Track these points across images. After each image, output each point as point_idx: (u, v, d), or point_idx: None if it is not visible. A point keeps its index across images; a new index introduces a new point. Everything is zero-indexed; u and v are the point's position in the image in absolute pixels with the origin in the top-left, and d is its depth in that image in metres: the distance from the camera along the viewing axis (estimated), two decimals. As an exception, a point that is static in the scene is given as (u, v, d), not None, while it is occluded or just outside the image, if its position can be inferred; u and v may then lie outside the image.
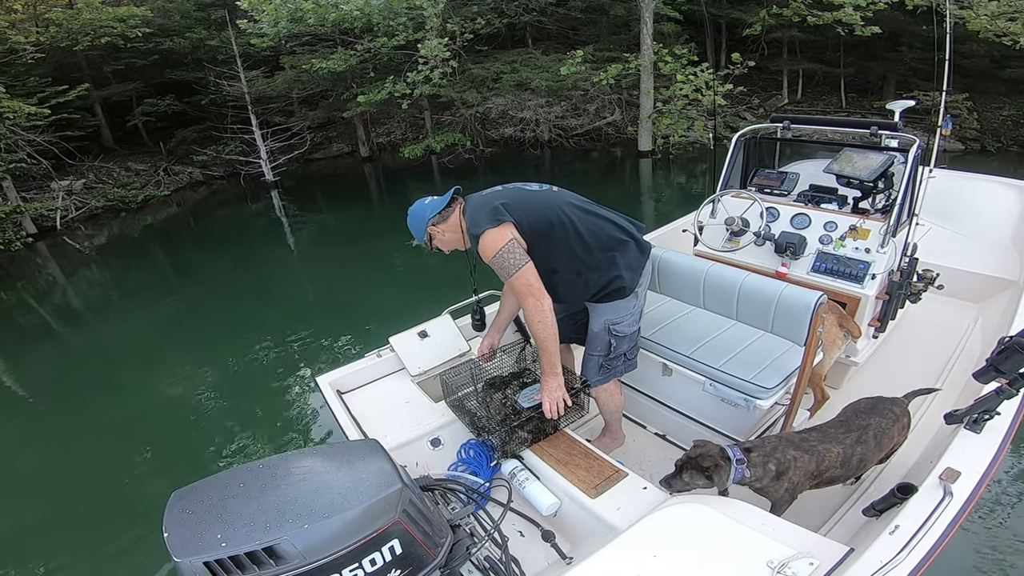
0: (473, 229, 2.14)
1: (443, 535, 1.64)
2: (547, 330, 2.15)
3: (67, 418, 5.13)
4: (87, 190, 12.37)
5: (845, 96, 12.75)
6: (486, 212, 2.12)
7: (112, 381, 5.78)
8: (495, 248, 2.09)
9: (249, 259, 9.18)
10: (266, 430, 4.51)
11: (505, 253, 2.08)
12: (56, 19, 11.36)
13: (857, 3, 9.15)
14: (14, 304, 8.53)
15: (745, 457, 1.95)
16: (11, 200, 10.66)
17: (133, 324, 7.28)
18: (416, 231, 2.24)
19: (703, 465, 1.93)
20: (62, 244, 10.76)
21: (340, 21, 10.68)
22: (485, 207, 2.14)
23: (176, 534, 1.37)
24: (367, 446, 1.69)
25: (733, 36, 13.23)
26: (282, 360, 5.57)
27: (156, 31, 12.77)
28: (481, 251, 2.14)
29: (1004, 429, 2.01)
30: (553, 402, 2.23)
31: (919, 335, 3.48)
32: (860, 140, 3.30)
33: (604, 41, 12.77)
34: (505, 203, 2.15)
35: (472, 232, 2.15)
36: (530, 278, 2.12)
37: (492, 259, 2.11)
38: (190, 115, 14.34)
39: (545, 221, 2.18)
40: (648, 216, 9.11)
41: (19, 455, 4.76)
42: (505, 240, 2.09)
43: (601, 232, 2.27)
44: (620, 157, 12.55)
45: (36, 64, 11.65)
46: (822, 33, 10.79)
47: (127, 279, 9.00)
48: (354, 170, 14.36)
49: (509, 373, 2.61)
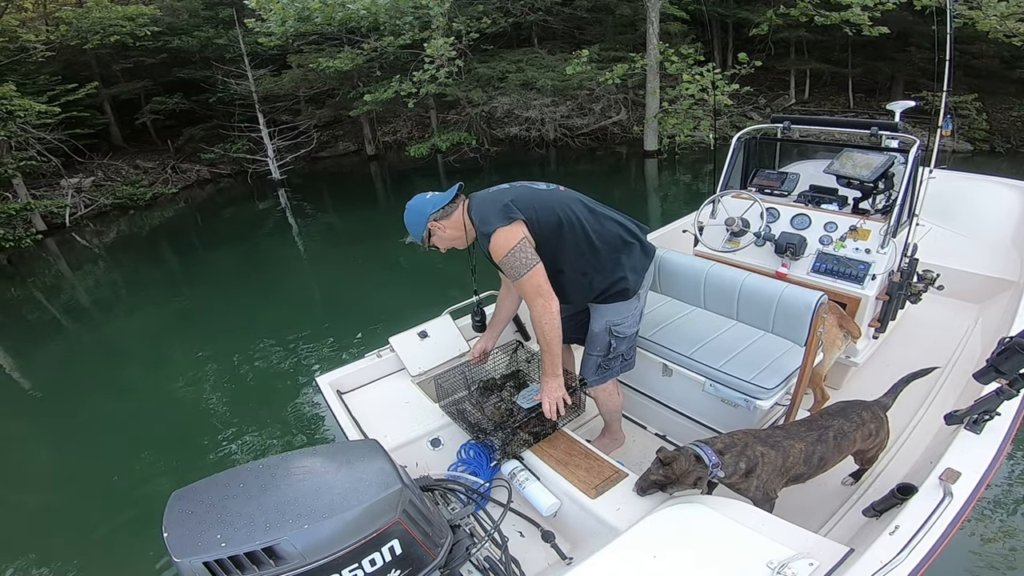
0: (483, 227, 2.10)
1: (443, 535, 1.64)
2: (553, 332, 2.14)
3: (72, 414, 5.18)
4: (96, 188, 12.48)
5: (853, 96, 12.67)
6: (497, 210, 2.08)
7: (117, 378, 5.83)
8: (507, 247, 2.05)
9: (255, 257, 9.23)
10: (266, 429, 4.52)
11: (517, 252, 2.05)
12: (66, 18, 11.45)
13: (865, 3, 9.09)
14: (23, 300, 8.62)
15: (720, 460, 1.94)
16: (21, 197, 10.77)
17: (140, 321, 7.34)
18: (414, 227, 2.16)
19: (687, 482, 1.90)
20: (71, 241, 10.87)
21: (347, 20, 10.71)
22: (495, 205, 2.10)
23: (176, 534, 1.36)
24: (367, 446, 1.68)
25: (740, 36, 13.17)
26: (285, 359, 5.59)
27: (164, 30, 12.85)
28: (492, 250, 2.10)
29: (1004, 430, 2.01)
30: (553, 403, 2.22)
31: (919, 336, 3.47)
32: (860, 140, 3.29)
33: (610, 40, 12.75)
34: (514, 200, 2.11)
35: (483, 230, 2.10)
36: (540, 279, 2.09)
37: (503, 258, 2.08)
38: (198, 113, 14.44)
39: (554, 220, 2.15)
40: (654, 216, 9.09)
41: (23, 450, 4.82)
42: (517, 239, 2.06)
43: (608, 233, 2.26)
44: (626, 157, 12.53)
45: (46, 62, 11.76)
46: (830, 33, 10.74)
47: (135, 276, 9.07)
48: (360, 168, 14.40)
49: (502, 375, 2.61)
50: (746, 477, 1.96)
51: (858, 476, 2.50)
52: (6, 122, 9.45)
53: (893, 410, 2.36)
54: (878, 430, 2.24)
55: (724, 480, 1.96)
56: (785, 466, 2.01)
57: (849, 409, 2.22)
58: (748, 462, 1.95)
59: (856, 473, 2.49)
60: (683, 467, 1.89)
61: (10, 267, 9.86)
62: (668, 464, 1.91)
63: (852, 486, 2.49)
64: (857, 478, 2.50)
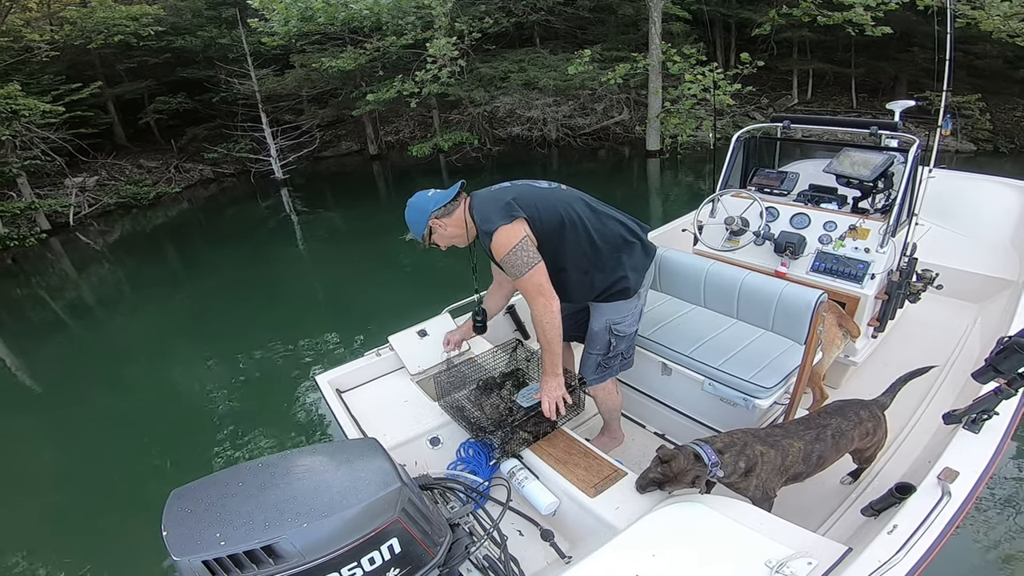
0: (485, 226, 2.09)
1: (442, 534, 1.64)
2: (554, 331, 2.14)
3: (73, 412, 5.21)
4: (100, 187, 12.53)
5: (856, 96, 12.64)
6: (499, 208, 2.08)
7: (119, 376, 5.86)
8: (509, 245, 2.05)
9: (258, 256, 9.26)
10: (266, 428, 4.53)
11: (519, 251, 2.05)
12: (70, 17, 11.53)
13: (867, 3, 9.07)
14: (28, 299, 8.67)
15: (719, 459, 1.94)
16: (26, 197, 10.82)
17: (142, 320, 7.38)
18: (415, 224, 2.16)
19: (686, 481, 1.90)
20: (75, 240, 10.92)
21: (350, 20, 10.73)
22: (497, 203, 2.10)
23: (175, 533, 1.36)
24: (366, 445, 1.68)
25: (743, 36, 13.14)
26: (285, 358, 5.61)
27: (168, 29, 12.89)
28: (494, 248, 2.10)
29: (1002, 429, 2.01)
30: (553, 402, 2.22)
31: (918, 335, 3.47)
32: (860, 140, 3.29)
33: (612, 40, 12.74)
34: (516, 199, 2.11)
35: (484, 228, 2.10)
36: (541, 278, 2.09)
37: (505, 257, 2.07)
38: (201, 113, 14.47)
39: (557, 218, 2.15)
40: (655, 216, 9.09)
41: (25, 448, 4.85)
42: (519, 237, 2.05)
43: (610, 232, 2.27)
44: (628, 156, 12.53)
45: (50, 62, 11.82)
46: (833, 33, 10.70)
47: (138, 275, 9.11)
48: (363, 168, 14.43)
49: (501, 373, 2.62)
50: (745, 476, 1.96)
51: (856, 475, 2.50)
52: (11, 122, 9.50)
53: (891, 409, 2.36)
54: (876, 429, 2.25)
55: (723, 479, 1.96)
56: (784, 465, 2.02)
57: (847, 408, 2.23)
58: (747, 461, 1.95)
59: (854, 472, 2.50)
60: (682, 465, 1.89)
61: (15, 266, 9.90)
62: (667, 462, 1.92)
63: (850, 485, 2.49)
64: (855, 477, 2.50)
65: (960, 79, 11.37)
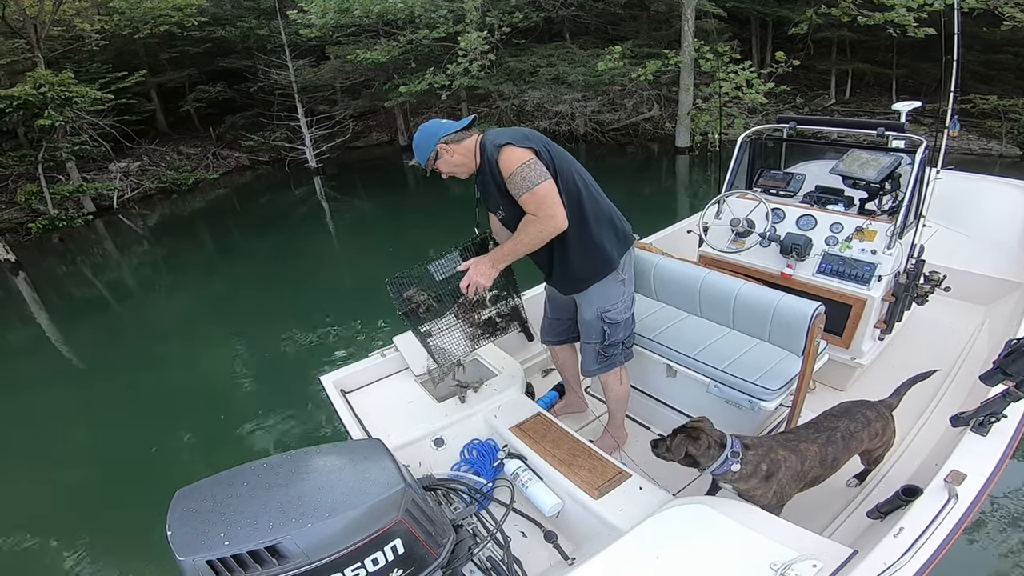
0: (495, 141, 2.06)
1: (445, 535, 1.63)
2: (533, 240, 2.11)
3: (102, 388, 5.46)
4: (142, 172, 13.01)
5: (897, 97, 12.24)
6: (512, 133, 2.08)
7: (147, 356, 6.02)
8: (518, 161, 2.00)
9: (290, 243, 9.50)
10: (270, 427, 4.54)
11: (529, 166, 2.00)
12: (119, 7, 11.90)
13: (908, 4, 8.78)
14: (72, 276, 9.14)
15: (742, 452, 1.91)
16: (74, 180, 11.33)
17: (176, 301, 7.70)
18: (422, 147, 2.13)
19: (693, 436, 1.90)
20: (117, 223, 11.41)
21: (384, 13, 10.90)
22: (511, 132, 2.11)
23: (179, 532, 1.36)
24: (370, 445, 1.68)
25: (780, 34, 12.83)
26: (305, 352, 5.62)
27: (209, 20, 13.24)
28: (501, 162, 2.04)
29: (1010, 432, 1.98)
30: (475, 281, 2.18)
31: (925, 337, 3.39)
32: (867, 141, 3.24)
33: (644, 37, 12.60)
34: (531, 135, 2.12)
35: (494, 144, 2.06)
36: (551, 192, 2.03)
37: (514, 171, 2.01)
38: (239, 102, 14.85)
39: (566, 170, 2.15)
40: (683, 212, 8.96)
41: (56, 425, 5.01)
42: (529, 156, 2.01)
43: (598, 207, 2.27)
44: (657, 153, 12.41)
45: (99, 51, 12.27)
46: (874, 33, 10.36)
47: (175, 258, 9.47)
48: (392, 158, 14.61)
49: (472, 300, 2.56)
50: (766, 481, 1.94)
51: (863, 477, 2.47)
52: (63, 108, 9.88)
53: (899, 411, 2.33)
54: (884, 429, 2.23)
55: (737, 481, 1.94)
56: (803, 470, 2.01)
57: (854, 409, 2.21)
58: (771, 464, 1.94)
59: (861, 474, 2.47)
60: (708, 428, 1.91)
61: (61, 245, 10.42)
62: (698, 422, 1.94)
63: (856, 487, 2.46)
64: (862, 479, 2.47)
65: (1008, 82, 10.92)
